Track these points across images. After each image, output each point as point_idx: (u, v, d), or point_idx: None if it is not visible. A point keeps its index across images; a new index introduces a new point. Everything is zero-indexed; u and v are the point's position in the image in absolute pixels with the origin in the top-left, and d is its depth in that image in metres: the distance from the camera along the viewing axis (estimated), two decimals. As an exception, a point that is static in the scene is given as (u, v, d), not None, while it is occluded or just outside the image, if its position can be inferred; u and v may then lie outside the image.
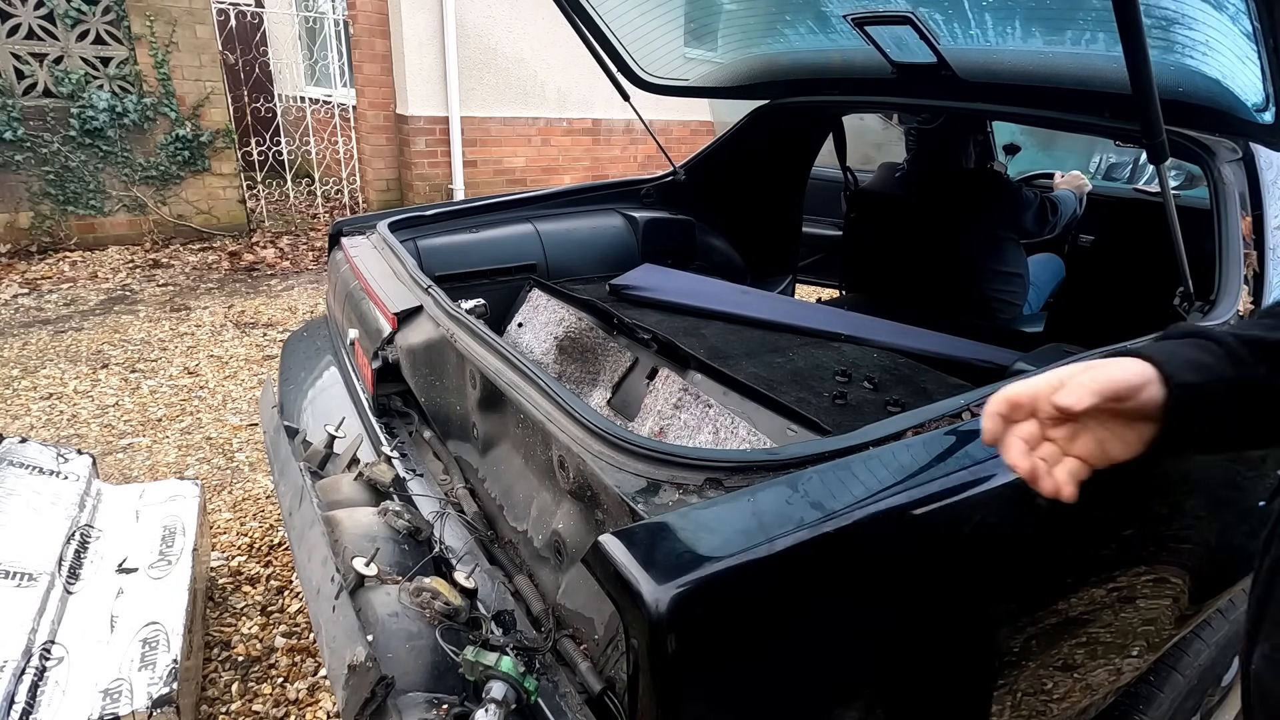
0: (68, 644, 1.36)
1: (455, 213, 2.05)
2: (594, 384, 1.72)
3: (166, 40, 5.14)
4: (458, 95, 6.04)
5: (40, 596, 1.39)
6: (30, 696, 1.24)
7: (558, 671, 0.94)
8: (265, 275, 4.96)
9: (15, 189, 4.91)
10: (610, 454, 0.89)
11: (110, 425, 2.90)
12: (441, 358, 1.36)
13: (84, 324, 3.94)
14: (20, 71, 4.81)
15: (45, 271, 4.73)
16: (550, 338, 1.82)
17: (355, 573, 1.00)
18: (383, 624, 0.93)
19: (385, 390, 1.59)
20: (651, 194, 2.39)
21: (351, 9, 5.93)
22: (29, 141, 4.87)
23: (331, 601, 0.97)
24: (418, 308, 1.46)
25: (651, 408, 1.41)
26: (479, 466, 1.32)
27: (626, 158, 7.14)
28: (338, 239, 1.93)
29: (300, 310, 4.29)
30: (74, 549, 1.57)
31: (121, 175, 5.23)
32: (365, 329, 1.63)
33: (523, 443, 1.13)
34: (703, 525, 0.75)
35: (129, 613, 1.46)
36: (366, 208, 6.49)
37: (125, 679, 1.31)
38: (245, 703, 1.66)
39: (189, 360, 3.54)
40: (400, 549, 1.12)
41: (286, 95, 7.66)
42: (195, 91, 5.35)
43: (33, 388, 3.19)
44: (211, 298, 4.45)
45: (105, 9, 4.95)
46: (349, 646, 0.86)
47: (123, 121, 5.12)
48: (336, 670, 0.88)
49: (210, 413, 3.03)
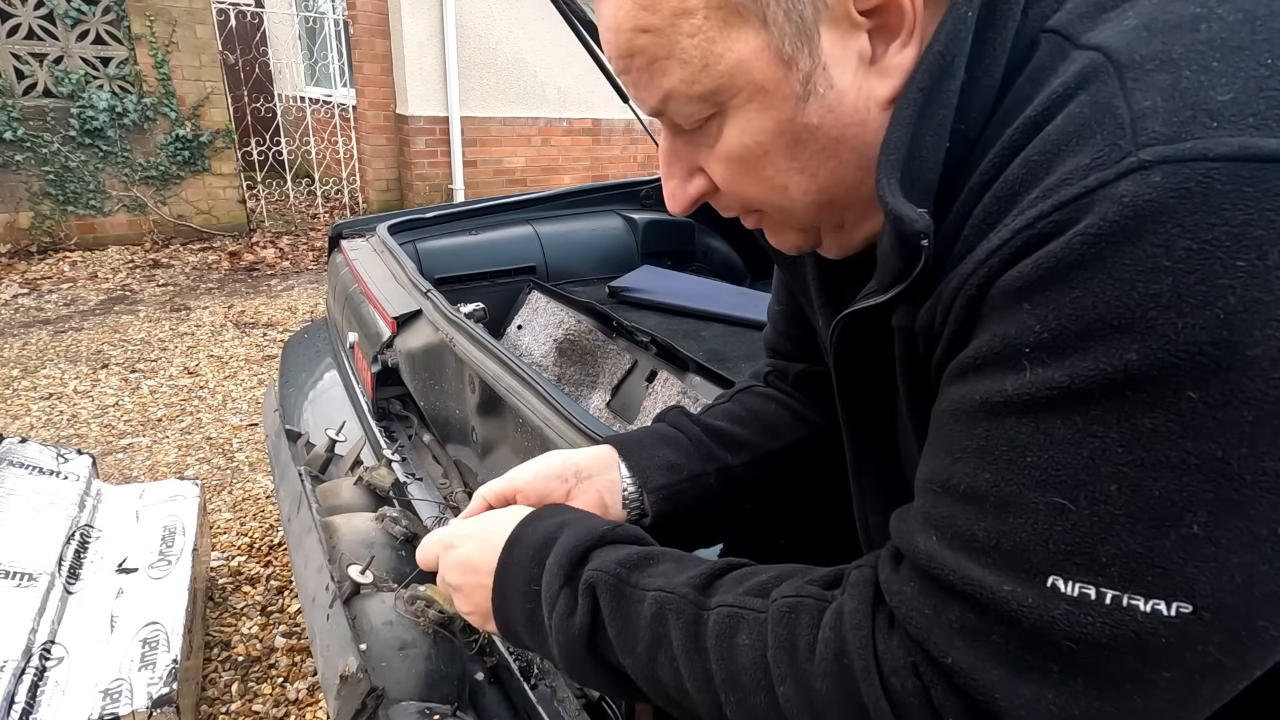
0: (68, 644, 1.37)
1: (454, 215, 2.05)
2: (593, 386, 1.72)
3: (166, 40, 5.14)
4: (458, 95, 6.04)
5: (40, 596, 1.40)
6: (30, 696, 1.25)
7: (555, 677, 0.94)
8: (265, 275, 4.96)
9: (15, 189, 4.92)
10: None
11: (110, 425, 2.91)
12: (441, 362, 1.37)
13: (84, 324, 3.95)
14: (20, 71, 4.82)
15: (45, 271, 4.73)
16: (550, 340, 1.83)
17: (350, 580, 1.00)
18: (376, 632, 0.94)
19: (385, 394, 1.60)
20: (651, 195, 2.39)
21: (351, 9, 5.93)
22: (29, 141, 4.87)
23: (326, 610, 0.97)
24: (417, 312, 1.47)
25: (651, 410, 1.41)
26: (479, 470, 1.32)
27: (626, 158, 7.15)
28: (337, 241, 1.94)
29: (300, 310, 4.30)
30: (74, 549, 1.58)
31: (121, 175, 5.23)
32: (365, 332, 1.63)
33: (522, 447, 1.14)
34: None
35: (129, 613, 1.46)
36: (366, 208, 6.49)
37: (125, 679, 1.32)
38: (245, 703, 1.67)
39: (189, 360, 3.54)
40: (397, 555, 1.12)
41: (286, 95, 7.67)
42: (195, 91, 5.35)
43: (33, 388, 3.19)
44: (211, 298, 4.45)
45: (105, 9, 4.95)
46: (341, 656, 0.87)
47: (123, 121, 5.13)
48: (329, 679, 0.88)
49: (210, 413, 3.03)
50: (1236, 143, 0.32)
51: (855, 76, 0.44)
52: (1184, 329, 0.33)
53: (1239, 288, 0.32)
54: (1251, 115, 0.33)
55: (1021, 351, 0.37)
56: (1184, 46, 0.35)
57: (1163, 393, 0.33)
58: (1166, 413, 0.33)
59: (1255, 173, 0.32)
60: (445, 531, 0.66)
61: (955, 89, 0.42)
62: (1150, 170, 0.33)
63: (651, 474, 0.69)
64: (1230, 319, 0.32)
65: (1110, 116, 0.35)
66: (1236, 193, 0.32)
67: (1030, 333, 0.36)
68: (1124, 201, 0.33)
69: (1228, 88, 0.33)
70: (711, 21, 0.43)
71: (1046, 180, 0.37)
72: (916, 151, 0.43)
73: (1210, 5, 0.36)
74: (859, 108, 0.44)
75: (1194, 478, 0.33)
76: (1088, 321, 0.35)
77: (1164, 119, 0.34)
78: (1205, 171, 0.32)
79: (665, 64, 0.45)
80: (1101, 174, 0.34)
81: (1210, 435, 0.33)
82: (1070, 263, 0.35)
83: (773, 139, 0.46)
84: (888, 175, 0.43)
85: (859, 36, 0.43)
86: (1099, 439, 0.35)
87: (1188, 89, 0.34)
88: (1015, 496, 0.37)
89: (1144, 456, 0.34)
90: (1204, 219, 0.32)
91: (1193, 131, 0.33)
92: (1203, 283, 0.32)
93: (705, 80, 0.45)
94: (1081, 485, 0.35)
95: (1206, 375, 0.32)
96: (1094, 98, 0.37)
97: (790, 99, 0.44)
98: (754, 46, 0.43)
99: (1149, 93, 0.35)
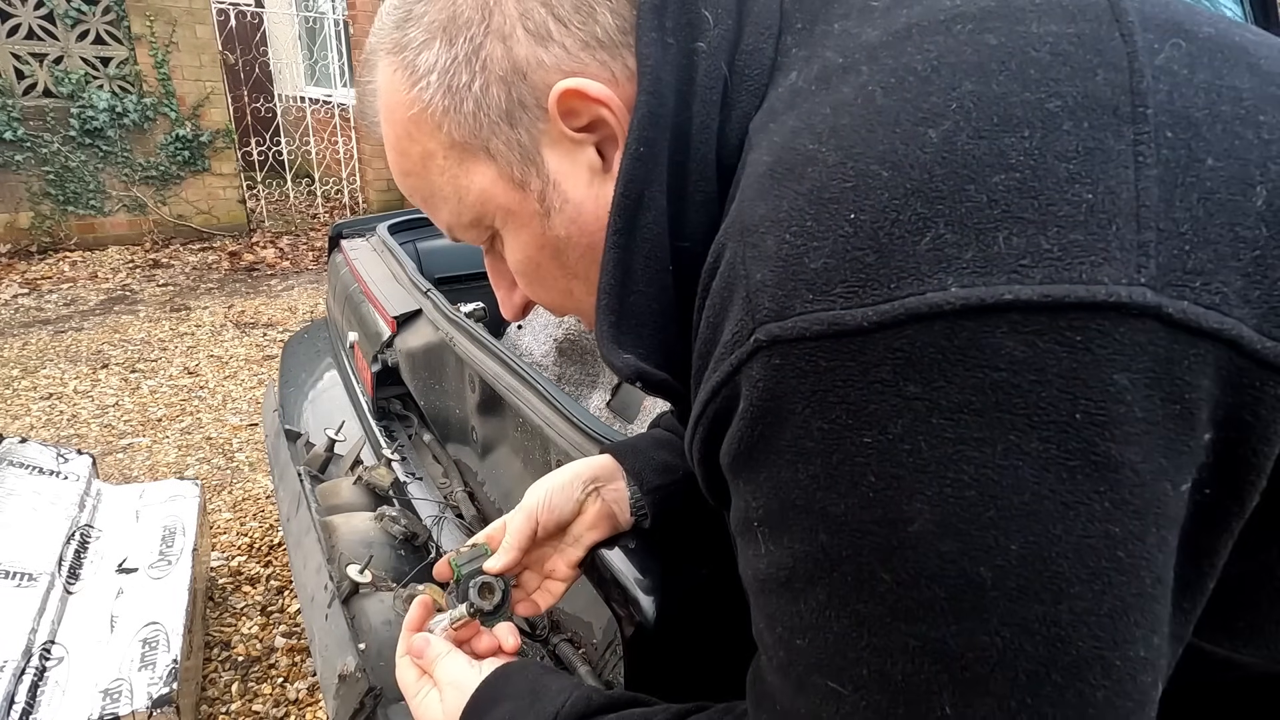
0: (68, 644, 1.37)
1: (455, 215, 2.05)
2: (593, 386, 1.72)
3: (166, 40, 5.14)
4: (458, 95, 6.03)
5: (40, 596, 1.40)
6: (30, 696, 1.25)
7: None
8: (265, 275, 4.96)
9: (15, 189, 4.91)
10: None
11: (110, 425, 2.91)
12: (441, 361, 1.37)
13: (84, 324, 3.95)
14: (20, 71, 4.82)
15: (45, 271, 4.73)
16: (550, 339, 1.83)
17: (349, 580, 1.00)
18: (375, 632, 0.94)
19: (385, 394, 1.60)
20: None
21: (351, 9, 5.93)
22: (29, 141, 4.87)
23: (324, 609, 0.97)
24: (417, 311, 1.47)
25: (651, 410, 1.42)
26: (478, 470, 1.32)
27: (626, 158, 7.14)
28: (337, 241, 1.94)
29: (300, 310, 4.30)
30: (74, 549, 1.58)
31: (121, 175, 5.23)
32: (365, 332, 1.63)
33: (522, 446, 1.14)
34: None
35: (129, 613, 1.46)
36: (367, 208, 6.49)
37: (125, 679, 1.32)
38: (245, 703, 1.67)
39: (189, 360, 3.54)
40: (397, 555, 1.12)
41: (286, 95, 7.66)
42: (195, 91, 5.35)
43: (33, 388, 3.19)
44: (211, 298, 4.45)
45: (105, 9, 4.95)
46: (340, 655, 0.87)
47: (123, 121, 5.13)
48: (328, 679, 0.88)
49: (210, 413, 3.03)
50: (827, 319, 0.31)
51: (590, 187, 0.46)
52: (847, 510, 0.32)
53: (874, 464, 0.31)
54: (841, 284, 0.32)
55: (753, 525, 0.37)
56: (789, 202, 0.34)
57: (861, 575, 0.33)
58: (872, 595, 0.33)
59: (850, 348, 0.31)
60: (410, 678, 0.65)
61: (655, 220, 0.43)
62: (770, 352, 0.33)
63: (648, 476, 0.70)
64: (879, 497, 0.31)
65: (740, 284, 0.35)
66: (842, 369, 0.31)
67: (752, 509, 0.37)
68: (760, 386, 0.34)
69: (819, 252, 0.33)
70: (450, 160, 0.48)
71: (717, 347, 0.37)
72: (629, 289, 0.44)
73: (823, 138, 0.35)
74: (600, 215, 0.46)
75: (922, 661, 0.32)
76: (781, 500, 0.35)
77: (771, 293, 0.33)
78: (809, 351, 0.32)
79: (434, 200, 0.51)
80: (739, 352, 0.35)
81: (916, 617, 0.32)
82: (749, 444, 0.35)
83: (539, 252, 0.50)
84: (600, 320, 0.45)
85: (584, 150, 0.46)
86: (835, 623, 0.34)
87: (788, 256, 0.33)
88: (804, 678, 0.37)
89: (874, 642, 0.33)
90: (824, 399, 0.32)
91: (794, 307, 0.32)
92: (844, 463, 0.32)
93: (465, 211, 0.49)
94: (842, 670, 0.34)
95: (886, 555, 0.32)
96: (731, 258, 0.37)
97: (535, 216, 0.48)
98: (490, 176, 0.47)
99: (760, 262, 0.34)
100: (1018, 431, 0.29)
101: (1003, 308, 0.29)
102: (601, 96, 0.43)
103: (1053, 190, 0.30)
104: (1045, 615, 0.30)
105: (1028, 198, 0.30)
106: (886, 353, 0.31)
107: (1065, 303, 0.29)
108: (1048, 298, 0.29)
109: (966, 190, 0.31)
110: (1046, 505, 0.30)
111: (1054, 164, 0.30)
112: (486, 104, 0.45)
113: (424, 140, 0.48)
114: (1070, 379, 0.29)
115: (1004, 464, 0.30)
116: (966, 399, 0.30)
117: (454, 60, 0.44)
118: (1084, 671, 0.31)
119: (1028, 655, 0.31)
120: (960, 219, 0.30)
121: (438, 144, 0.47)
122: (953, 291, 0.30)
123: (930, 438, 0.30)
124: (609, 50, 0.44)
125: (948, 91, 0.33)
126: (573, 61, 0.44)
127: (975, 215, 0.30)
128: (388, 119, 0.49)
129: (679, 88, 0.43)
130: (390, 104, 0.48)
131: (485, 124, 0.45)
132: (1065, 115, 0.31)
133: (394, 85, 0.47)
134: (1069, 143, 0.31)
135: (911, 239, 0.31)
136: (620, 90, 0.44)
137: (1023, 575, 0.30)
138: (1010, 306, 0.29)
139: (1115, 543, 0.30)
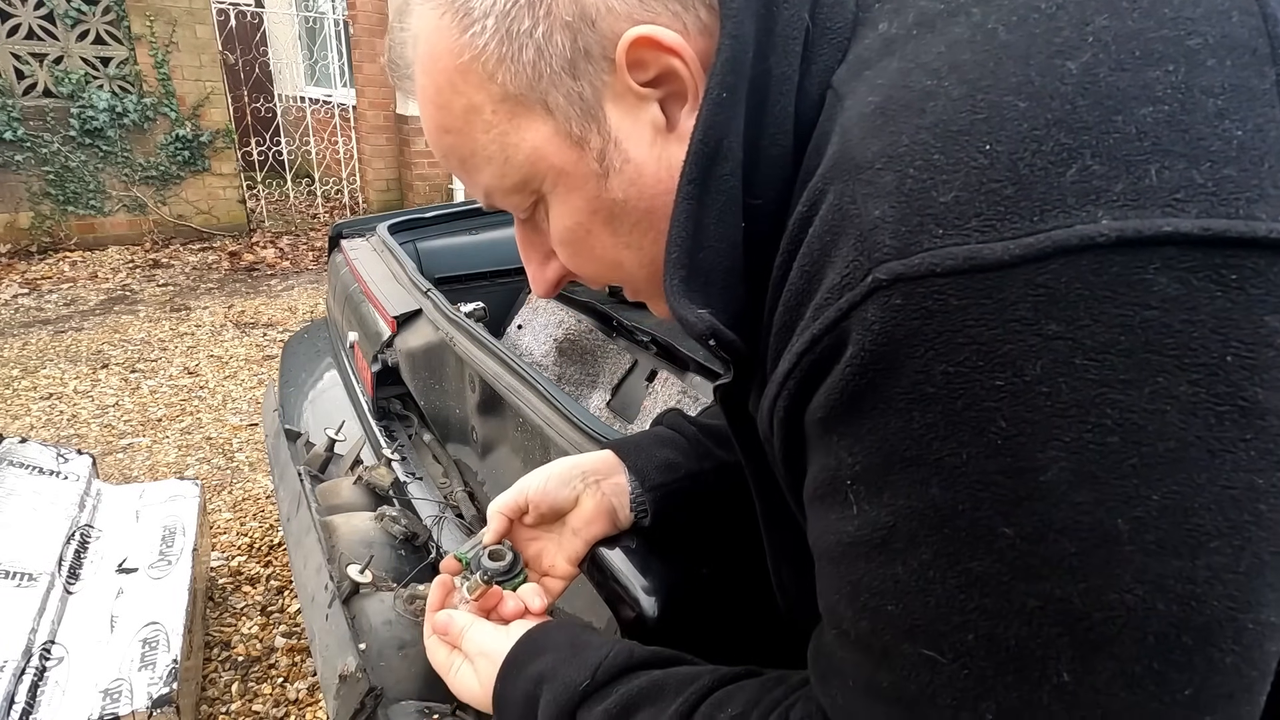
0: (68, 644, 1.37)
1: (454, 215, 2.05)
2: (593, 386, 1.72)
3: (166, 40, 5.15)
4: (458, 95, 6.03)
5: (40, 596, 1.40)
6: (30, 696, 1.25)
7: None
8: (265, 275, 4.96)
9: (15, 189, 4.92)
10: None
11: (110, 425, 2.91)
12: (441, 361, 1.37)
13: (84, 324, 3.95)
14: (20, 71, 4.82)
15: (45, 271, 4.73)
16: (550, 340, 1.83)
17: (349, 580, 1.00)
18: (375, 632, 0.94)
19: (385, 393, 1.60)
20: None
21: (351, 9, 5.93)
22: (29, 141, 4.87)
23: (325, 609, 0.97)
24: (417, 311, 1.46)
25: (651, 410, 1.41)
26: (479, 470, 1.32)
27: (626, 158, 7.14)
28: (337, 241, 1.94)
29: (300, 310, 4.30)
30: (74, 549, 1.58)
31: (121, 175, 5.23)
32: (365, 332, 1.63)
33: (522, 446, 1.14)
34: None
35: (129, 613, 1.46)
36: (367, 208, 6.50)
37: (125, 679, 1.32)
38: (245, 703, 1.67)
39: (189, 360, 3.54)
40: (397, 554, 1.12)
41: (286, 95, 7.67)
42: (195, 91, 5.35)
43: (33, 388, 3.19)
44: (211, 298, 4.45)
45: (105, 9, 4.95)
46: (340, 656, 0.87)
47: (123, 121, 5.13)
48: (328, 679, 0.88)
49: (210, 413, 3.03)
50: (962, 253, 0.30)
51: (653, 147, 0.43)
52: (968, 459, 0.31)
53: (1005, 409, 0.29)
54: (975, 217, 0.30)
55: (845, 485, 0.36)
56: (909, 136, 0.33)
57: (977, 530, 0.31)
58: (989, 553, 0.31)
59: (987, 284, 0.30)
60: (440, 655, 0.65)
61: (731, 171, 0.41)
62: (890, 291, 0.31)
63: (650, 473, 0.70)
64: (1009, 444, 0.30)
65: (851, 225, 0.34)
66: (975, 307, 0.30)
67: (846, 466, 0.35)
68: (874, 330, 0.32)
69: (949, 186, 0.31)
70: (500, 115, 0.43)
71: (816, 295, 0.36)
72: (700, 244, 0.42)
73: (942, 74, 0.34)
74: (661, 177, 0.44)
75: (1041, 623, 0.30)
76: (886, 453, 0.33)
77: (893, 230, 0.32)
78: (939, 289, 0.30)
79: (474, 161, 0.46)
80: (851, 295, 0.33)
81: (1039, 575, 0.30)
82: (852, 394, 0.33)
83: (590, 218, 0.46)
84: (669, 274, 0.42)
85: (648, 107, 0.43)
86: (939, 585, 0.33)
87: (913, 191, 0.32)
88: (892, 647, 0.35)
89: (985, 604, 0.31)
90: (952, 339, 0.30)
91: (921, 243, 0.31)
92: (970, 408, 0.30)
93: (511, 172, 0.45)
94: (941, 636, 0.33)
95: (1010, 507, 0.30)
96: (838, 200, 0.35)
97: (591, 177, 0.44)
98: (544, 133, 0.43)
99: (879, 199, 0.33)
100: (1166, 373, 0.28)
101: (1160, 240, 0.28)
102: (675, 45, 0.40)
103: (1202, 125, 0.29)
104: (1181, 571, 0.29)
105: (1178, 130, 0.29)
106: (1027, 289, 0.29)
107: (1224, 238, 0.28)
108: (1208, 231, 0.28)
109: (1114, 121, 0.29)
110: (1192, 453, 0.28)
111: (1201, 99, 0.29)
112: (550, 52, 0.41)
113: (471, 93, 0.43)
114: (1223, 319, 0.28)
115: (1150, 408, 0.28)
116: (1114, 338, 0.28)
117: (515, 3, 0.40)
118: (1215, 635, 0.29)
119: (1159, 615, 0.29)
120: (1108, 150, 0.29)
121: (487, 97, 0.43)
122: (1104, 224, 0.28)
123: (1072, 380, 0.29)
124: (681, 1, 0.41)
125: (1080, 26, 0.32)
126: (644, 10, 0.40)
127: (1124, 147, 0.29)
128: (428, 68, 0.45)
129: (759, 38, 0.41)
130: (433, 51, 0.44)
131: (546, 75, 0.42)
132: (1207, 52, 0.30)
133: (440, 30, 0.43)
134: (1215, 78, 0.30)
135: (1056, 170, 0.30)
136: (693, 43, 0.41)
137: (1162, 528, 0.29)
138: (1167, 239, 0.28)
139: (1258, 495, 0.29)
